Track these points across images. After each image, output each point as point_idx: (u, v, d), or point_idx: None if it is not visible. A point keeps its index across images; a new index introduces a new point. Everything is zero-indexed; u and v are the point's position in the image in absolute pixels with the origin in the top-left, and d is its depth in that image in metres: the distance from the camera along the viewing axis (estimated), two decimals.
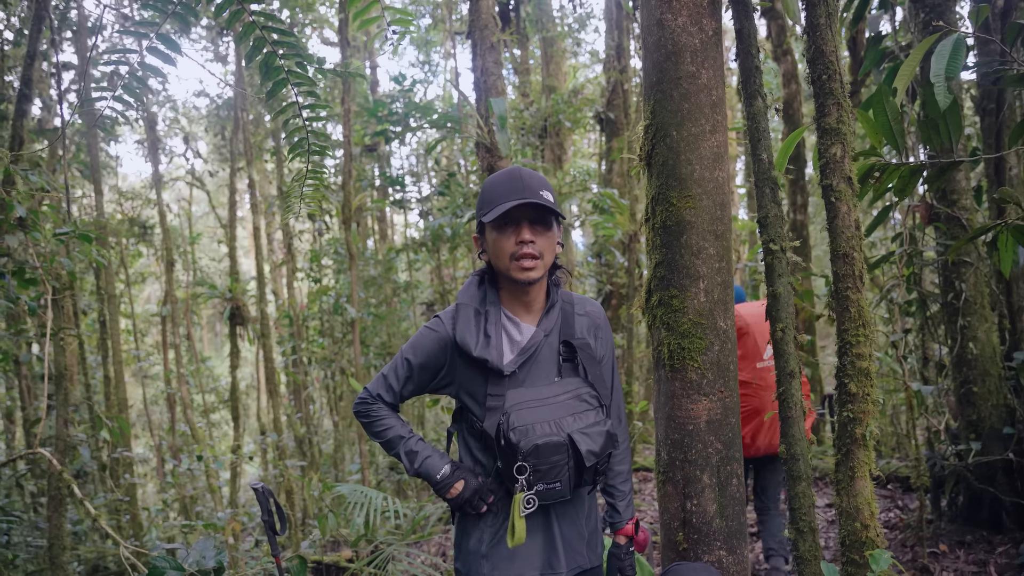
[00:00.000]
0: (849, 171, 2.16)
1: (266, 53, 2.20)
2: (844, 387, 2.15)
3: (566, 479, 1.83)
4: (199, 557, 3.24)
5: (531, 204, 1.82)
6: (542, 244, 1.86)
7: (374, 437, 2.06)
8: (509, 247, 1.85)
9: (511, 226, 1.86)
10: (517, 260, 1.84)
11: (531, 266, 1.84)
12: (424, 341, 1.98)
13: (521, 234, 1.84)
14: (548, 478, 1.82)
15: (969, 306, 4.49)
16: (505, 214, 1.84)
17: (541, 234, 1.86)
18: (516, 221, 1.86)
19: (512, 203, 1.81)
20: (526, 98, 11.93)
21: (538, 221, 1.87)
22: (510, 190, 1.84)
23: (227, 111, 13.90)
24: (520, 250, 1.84)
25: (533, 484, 1.81)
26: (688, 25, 2.25)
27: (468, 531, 1.98)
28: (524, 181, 1.86)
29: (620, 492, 2.12)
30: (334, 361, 11.00)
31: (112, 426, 5.86)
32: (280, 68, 2.23)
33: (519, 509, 1.81)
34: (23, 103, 5.35)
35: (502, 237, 1.87)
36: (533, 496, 1.82)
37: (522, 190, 1.83)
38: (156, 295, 22.23)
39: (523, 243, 1.83)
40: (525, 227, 1.85)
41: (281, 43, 2.22)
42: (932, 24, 4.17)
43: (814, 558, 2.24)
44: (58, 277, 5.61)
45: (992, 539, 4.38)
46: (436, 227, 8.75)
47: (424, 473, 1.96)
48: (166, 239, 12.88)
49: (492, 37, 4.52)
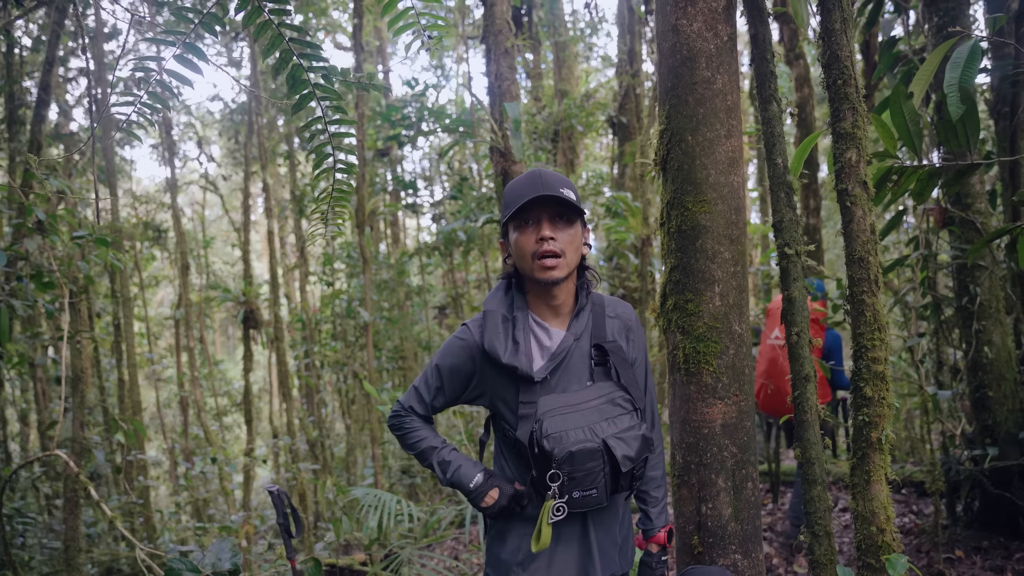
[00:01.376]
0: (864, 175, 2.16)
1: (292, 66, 2.21)
2: (859, 391, 2.15)
3: (602, 485, 1.80)
4: (215, 559, 3.26)
5: (550, 199, 1.81)
6: (563, 241, 1.84)
7: (408, 449, 2.04)
8: (530, 245, 1.84)
9: (531, 224, 1.85)
10: (539, 259, 1.83)
11: (553, 264, 1.82)
12: (452, 350, 1.96)
13: (541, 230, 1.82)
14: (584, 485, 1.78)
15: (984, 310, 4.47)
16: (525, 211, 1.84)
17: (562, 230, 1.84)
18: (536, 218, 1.85)
19: (531, 196, 1.80)
20: (538, 102, 11.96)
21: (559, 217, 1.85)
22: (530, 188, 1.84)
23: (241, 115, 14.00)
24: (541, 248, 1.82)
25: (566, 491, 1.78)
26: (703, 30, 2.26)
27: (503, 539, 1.96)
28: (544, 179, 1.85)
29: (653, 498, 2.09)
30: (347, 365, 11.04)
31: (127, 428, 5.91)
32: (307, 82, 2.23)
33: (547, 516, 1.79)
34: (41, 108, 5.42)
35: (522, 236, 1.86)
36: (563, 504, 1.79)
37: (541, 187, 1.82)
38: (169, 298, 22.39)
39: (543, 240, 1.82)
40: (545, 223, 1.83)
41: (307, 56, 2.22)
42: (947, 29, 4.15)
43: (830, 562, 2.23)
44: (75, 280, 5.67)
45: (1009, 545, 4.35)
46: (449, 231, 8.78)
47: (457, 482, 1.94)
48: (180, 243, 12.97)
49: (506, 42, 4.54)
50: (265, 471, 14.15)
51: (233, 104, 14.47)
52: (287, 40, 2.20)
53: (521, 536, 1.93)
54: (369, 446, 10.53)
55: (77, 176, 8.70)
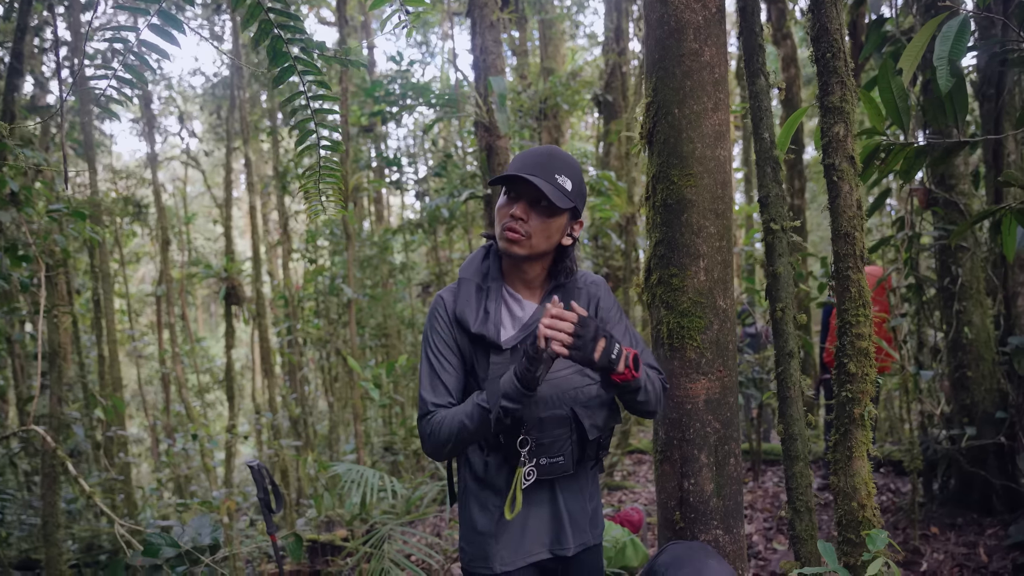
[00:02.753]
0: (852, 150, 2.14)
1: (273, 37, 2.15)
2: (843, 367, 2.15)
3: (569, 453, 1.83)
4: (195, 534, 3.25)
5: (534, 185, 1.79)
6: (534, 226, 1.82)
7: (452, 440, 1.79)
8: (503, 218, 1.85)
9: (513, 197, 1.85)
10: (504, 231, 1.83)
11: (514, 239, 1.81)
12: (434, 325, 1.95)
13: (513, 208, 1.82)
14: (551, 452, 1.81)
15: (965, 291, 4.50)
16: (513, 183, 1.83)
17: (538, 216, 1.82)
18: (518, 194, 1.84)
19: (512, 172, 1.79)
20: (524, 80, 11.86)
21: (539, 203, 1.82)
22: (529, 164, 1.82)
23: (223, 90, 13.79)
24: (508, 222, 1.82)
25: (534, 457, 1.80)
26: (691, 2, 2.23)
27: (472, 511, 1.96)
28: (547, 161, 1.82)
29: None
30: (329, 342, 10.99)
31: (107, 404, 5.84)
32: (287, 55, 2.17)
33: (520, 482, 1.81)
34: (14, 78, 5.29)
35: (503, 206, 1.87)
36: (533, 468, 1.82)
37: (537, 168, 1.80)
38: (151, 275, 22.17)
39: (513, 217, 1.81)
40: (523, 203, 1.82)
41: (287, 27, 2.17)
42: (938, 4, 4.13)
43: (811, 537, 2.24)
44: (52, 254, 5.58)
45: (982, 521, 4.42)
46: (433, 208, 8.72)
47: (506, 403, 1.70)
48: (161, 218, 12.81)
49: (492, 15, 4.48)
50: (247, 448, 14.11)
51: (215, 78, 14.25)
52: (266, 11, 2.14)
53: (491, 507, 1.93)
54: (352, 423, 10.52)
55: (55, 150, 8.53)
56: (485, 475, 1.93)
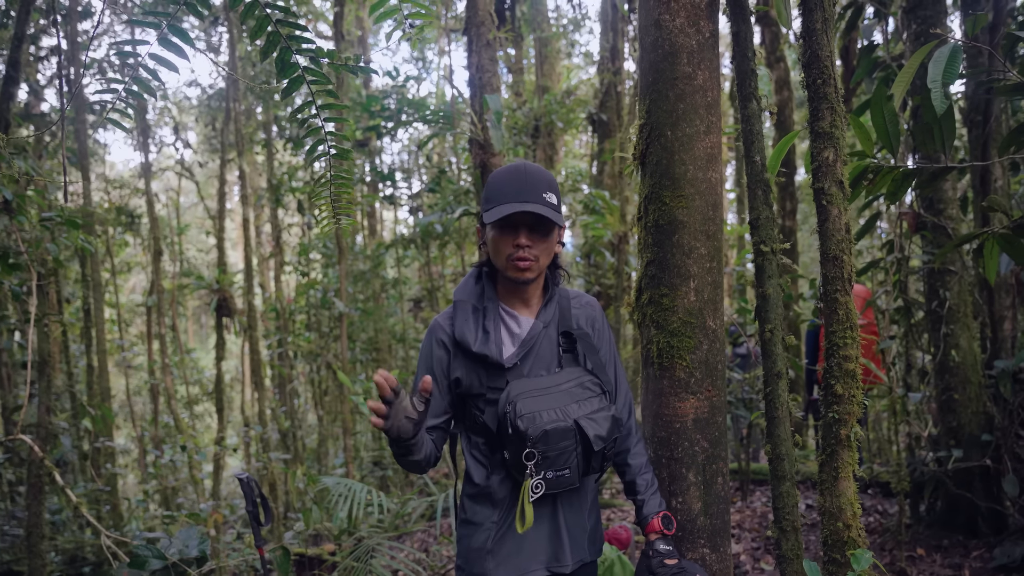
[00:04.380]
0: (841, 175, 2.18)
1: (281, 49, 2.17)
2: (831, 388, 2.17)
3: (574, 466, 1.84)
4: (182, 546, 3.23)
5: (533, 213, 1.84)
6: (539, 249, 1.88)
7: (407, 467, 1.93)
8: (506, 248, 1.88)
9: (510, 228, 1.88)
10: (512, 261, 1.87)
11: (526, 267, 1.87)
12: (427, 351, 1.98)
13: (519, 239, 1.86)
14: (557, 465, 1.81)
15: (952, 314, 4.54)
16: (505, 217, 1.86)
17: (539, 240, 1.88)
18: (515, 225, 1.87)
19: (513, 210, 1.82)
20: (519, 97, 11.95)
21: (537, 227, 1.87)
22: (513, 191, 1.85)
23: (218, 101, 13.83)
24: (516, 253, 1.86)
25: (540, 470, 1.80)
26: (685, 26, 2.27)
27: (471, 530, 1.97)
28: (528, 182, 1.86)
29: (641, 485, 2.08)
30: (320, 355, 10.97)
31: (95, 414, 5.81)
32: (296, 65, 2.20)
33: (528, 495, 1.81)
34: (10, 86, 5.30)
35: (501, 238, 1.89)
36: (541, 481, 1.82)
37: (525, 193, 1.84)
38: (141, 285, 22.09)
39: (520, 247, 1.85)
40: (523, 233, 1.86)
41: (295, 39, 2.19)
42: (929, 32, 4.21)
43: (796, 556, 2.26)
44: (43, 263, 5.57)
45: (968, 543, 4.44)
46: (426, 224, 8.75)
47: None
48: (154, 229, 12.79)
49: (488, 34, 4.52)
50: (236, 460, 14.03)
51: (210, 90, 14.29)
52: (275, 23, 2.17)
53: (491, 524, 1.94)
54: (341, 437, 10.48)
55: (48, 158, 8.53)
56: (487, 490, 1.94)
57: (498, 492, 1.93)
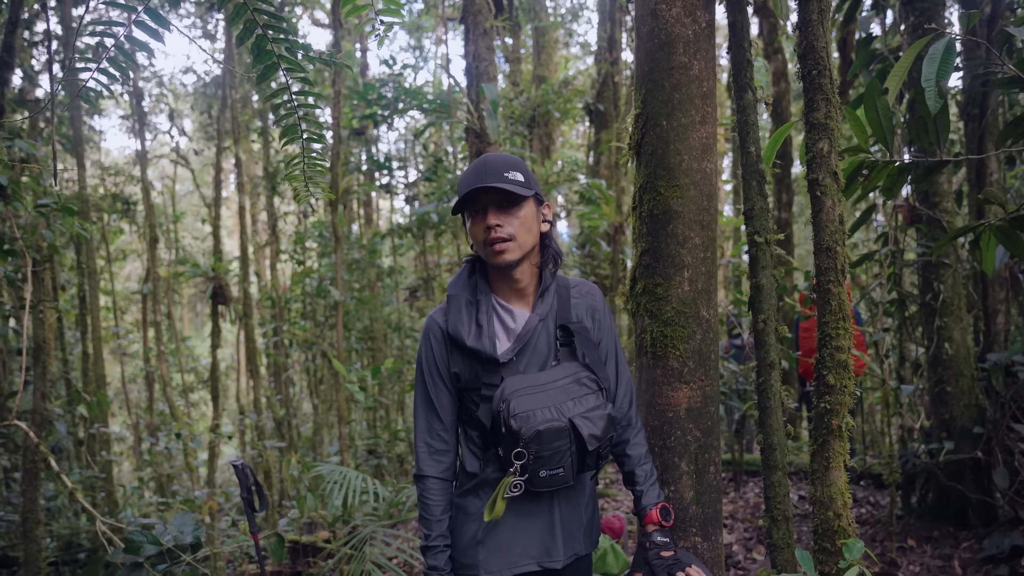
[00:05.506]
0: (835, 166, 2.18)
1: (257, 36, 2.18)
2: (823, 378, 2.18)
3: (569, 464, 1.81)
4: (177, 532, 3.24)
5: (492, 188, 1.82)
6: (513, 225, 1.85)
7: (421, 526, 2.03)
8: (480, 233, 1.87)
9: (479, 213, 1.87)
10: (489, 246, 1.85)
11: (502, 248, 1.83)
12: (425, 350, 1.98)
13: (488, 220, 1.84)
14: (551, 464, 1.79)
15: (946, 307, 4.56)
16: (472, 201, 1.86)
17: (510, 215, 1.85)
18: (483, 208, 1.86)
19: (469, 188, 1.82)
20: (516, 87, 11.92)
21: (505, 203, 1.86)
22: (474, 178, 1.84)
23: (214, 89, 13.77)
24: (488, 235, 1.84)
25: (531, 470, 1.79)
26: (682, 16, 2.27)
27: (463, 524, 1.97)
28: (488, 167, 1.85)
29: (640, 476, 2.07)
30: (316, 344, 10.98)
31: (91, 401, 5.81)
32: (271, 52, 2.20)
33: (504, 491, 1.80)
34: (4, 72, 5.27)
35: (474, 225, 1.88)
36: (521, 481, 1.80)
37: (483, 175, 1.83)
38: (137, 273, 22.05)
39: (490, 228, 1.84)
40: (491, 212, 1.85)
41: (272, 26, 2.19)
42: (923, 27, 4.21)
43: (787, 546, 2.28)
44: (38, 249, 5.56)
45: (958, 535, 4.48)
46: (422, 213, 8.74)
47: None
48: (149, 216, 12.75)
49: (486, 23, 4.51)
50: (230, 448, 14.04)
51: (206, 77, 14.22)
52: (252, 11, 2.16)
53: (480, 517, 1.94)
54: (336, 426, 10.50)
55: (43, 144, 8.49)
56: (480, 481, 1.94)
57: (491, 484, 1.93)
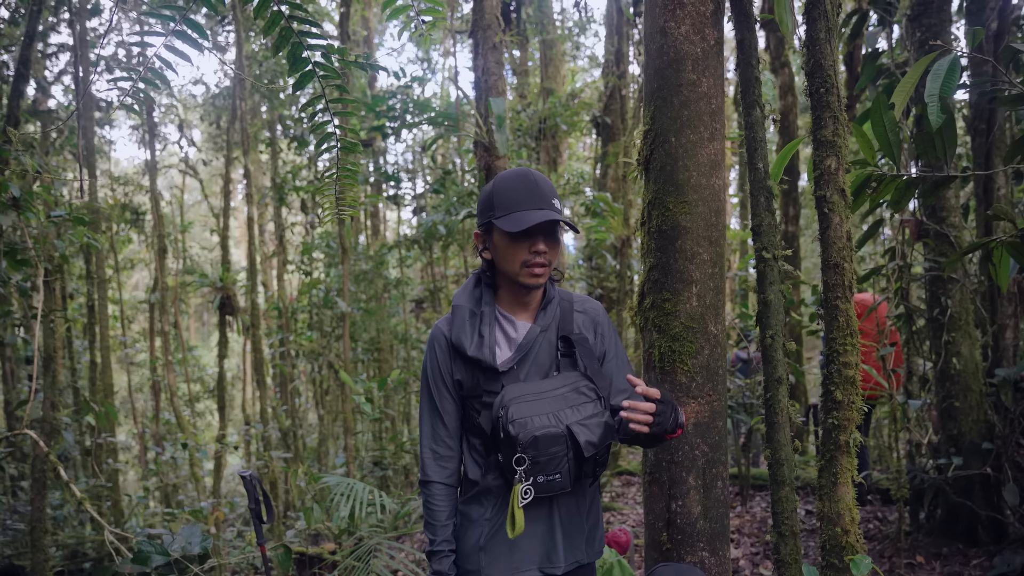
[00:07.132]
0: (843, 183, 2.20)
1: (293, 44, 2.20)
2: (830, 394, 2.19)
3: (566, 470, 1.85)
4: (185, 543, 3.26)
5: (549, 221, 1.87)
6: (552, 255, 1.92)
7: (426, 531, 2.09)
8: (522, 255, 1.90)
9: (526, 237, 1.89)
10: (529, 268, 1.89)
11: (541, 272, 1.90)
12: (430, 360, 2.03)
13: (536, 245, 1.88)
14: (548, 470, 1.83)
15: (954, 322, 4.55)
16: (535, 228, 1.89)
17: (553, 247, 1.92)
18: (532, 233, 1.89)
19: (538, 220, 1.84)
20: (523, 99, 11.97)
21: (552, 233, 1.92)
22: (527, 198, 1.88)
23: (224, 100, 13.85)
24: (533, 260, 1.89)
25: (531, 475, 1.82)
26: (691, 34, 2.29)
27: (466, 530, 2.00)
28: (541, 190, 1.89)
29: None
30: (322, 355, 10.99)
31: (99, 410, 5.84)
32: (307, 60, 2.23)
33: (517, 500, 1.83)
34: (20, 84, 5.34)
35: (516, 245, 1.90)
36: (530, 487, 1.84)
37: (540, 201, 1.87)
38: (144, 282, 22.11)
39: (538, 254, 1.88)
40: (540, 240, 1.89)
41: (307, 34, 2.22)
42: (928, 44, 4.23)
43: (795, 561, 2.27)
44: (50, 259, 5.60)
45: (967, 552, 4.45)
46: (429, 225, 8.76)
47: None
48: (158, 226, 12.81)
49: (495, 37, 4.55)
50: (236, 458, 14.05)
51: (216, 88, 14.31)
52: (287, 18, 2.19)
53: (482, 523, 1.97)
54: (342, 437, 10.50)
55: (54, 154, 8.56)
56: (482, 488, 1.97)
57: (492, 490, 1.97)
